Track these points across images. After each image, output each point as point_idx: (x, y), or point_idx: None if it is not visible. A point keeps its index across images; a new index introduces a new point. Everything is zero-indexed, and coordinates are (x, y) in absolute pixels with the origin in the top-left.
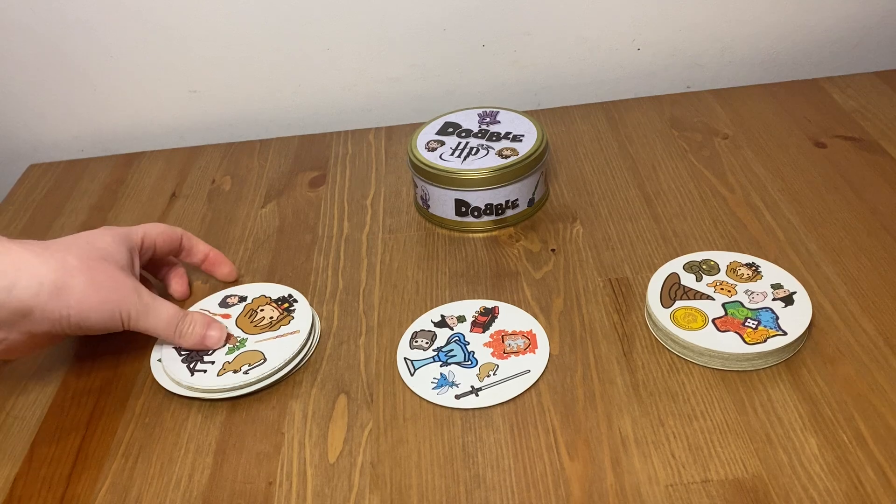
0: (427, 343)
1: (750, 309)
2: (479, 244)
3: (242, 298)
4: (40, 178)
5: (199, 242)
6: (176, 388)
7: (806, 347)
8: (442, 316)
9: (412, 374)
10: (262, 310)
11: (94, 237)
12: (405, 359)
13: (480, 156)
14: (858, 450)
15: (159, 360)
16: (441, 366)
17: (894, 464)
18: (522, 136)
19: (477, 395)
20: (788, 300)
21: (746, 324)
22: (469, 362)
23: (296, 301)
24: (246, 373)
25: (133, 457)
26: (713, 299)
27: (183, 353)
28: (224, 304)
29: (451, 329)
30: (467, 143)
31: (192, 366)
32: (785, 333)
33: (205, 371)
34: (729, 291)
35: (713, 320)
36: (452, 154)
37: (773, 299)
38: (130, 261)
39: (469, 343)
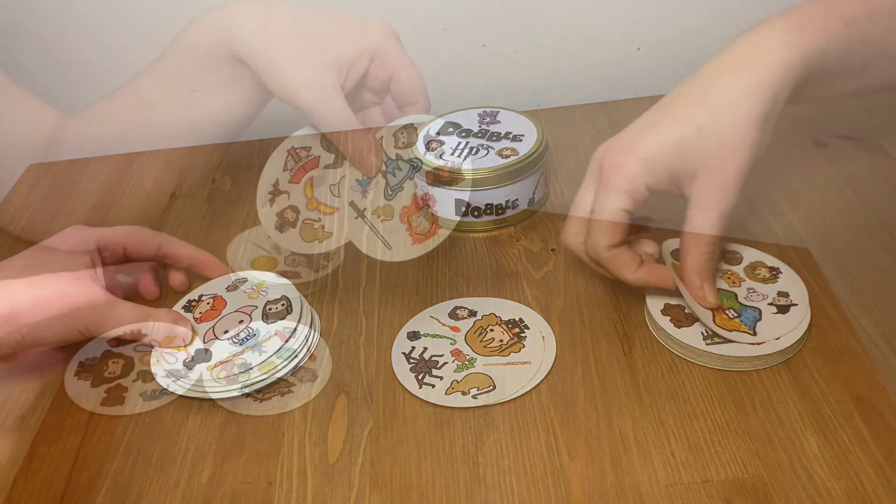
0: None
1: (740, 303)
2: (479, 244)
3: (472, 313)
4: (40, 177)
5: (181, 248)
6: (175, 388)
7: (806, 347)
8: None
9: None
10: (491, 329)
11: (51, 250)
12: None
13: (480, 156)
14: (858, 450)
15: (157, 362)
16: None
17: (894, 464)
18: (522, 136)
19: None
20: (783, 309)
21: (727, 312)
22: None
23: (527, 328)
24: (474, 397)
25: (133, 457)
26: None
27: (412, 360)
28: (453, 315)
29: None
30: (467, 142)
31: (420, 377)
32: (754, 334)
33: (433, 386)
34: (734, 283)
35: None
36: (453, 154)
37: (769, 304)
38: (91, 264)
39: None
